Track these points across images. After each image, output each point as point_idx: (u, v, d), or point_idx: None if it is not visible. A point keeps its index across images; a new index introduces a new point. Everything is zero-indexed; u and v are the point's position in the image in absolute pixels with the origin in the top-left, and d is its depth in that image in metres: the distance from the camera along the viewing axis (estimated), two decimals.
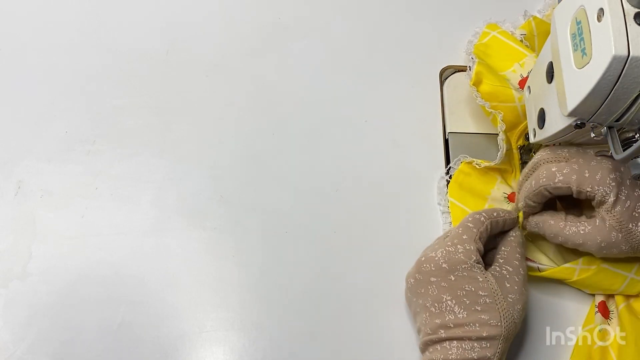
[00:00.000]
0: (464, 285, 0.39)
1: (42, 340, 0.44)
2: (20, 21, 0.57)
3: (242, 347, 0.44)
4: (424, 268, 0.41)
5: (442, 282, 0.40)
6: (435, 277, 0.40)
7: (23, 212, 0.48)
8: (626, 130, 0.36)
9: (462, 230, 0.42)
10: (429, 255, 0.41)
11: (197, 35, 0.57)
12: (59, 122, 0.52)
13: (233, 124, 0.53)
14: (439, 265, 0.40)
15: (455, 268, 0.40)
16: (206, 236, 0.48)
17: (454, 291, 0.39)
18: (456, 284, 0.40)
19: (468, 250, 0.40)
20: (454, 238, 0.42)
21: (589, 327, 0.45)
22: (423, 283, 0.41)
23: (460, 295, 0.39)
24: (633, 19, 0.31)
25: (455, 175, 0.50)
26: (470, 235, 0.41)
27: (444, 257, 0.40)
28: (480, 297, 0.39)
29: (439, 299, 0.40)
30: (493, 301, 0.39)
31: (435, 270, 0.40)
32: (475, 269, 0.40)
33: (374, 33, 0.58)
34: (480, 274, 0.40)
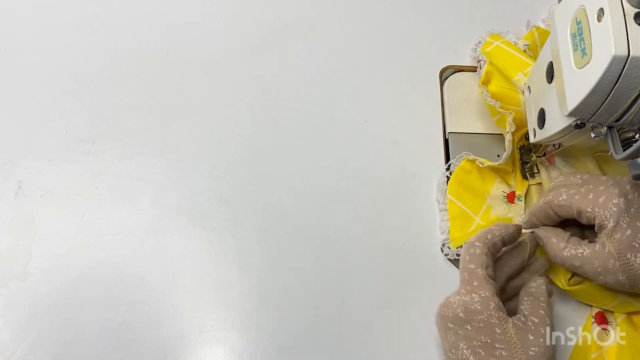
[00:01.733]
0: (480, 336, 0.38)
1: (42, 340, 0.44)
2: (20, 21, 0.57)
3: (242, 347, 0.44)
4: (443, 312, 0.40)
5: (459, 330, 0.39)
6: (452, 323, 0.40)
7: (23, 212, 0.48)
8: (626, 130, 0.36)
9: (468, 277, 0.40)
10: (449, 300, 0.40)
11: (197, 35, 0.57)
12: (59, 122, 0.52)
13: (233, 123, 0.53)
14: (456, 314, 0.39)
15: (471, 318, 0.38)
16: (206, 236, 0.48)
17: (470, 341, 0.38)
18: (472, 334, 0.38)
19: (484, 298, 0.38)
20: (466, 285, 0.40)
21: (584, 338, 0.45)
22: (442, 327, 0.40)
23: (475, 346, 0.38)
24: (633, 19, 0.31)
25: (456, 172, 0.50)
26: (479, 280, 0.39)
27: (461, 306, 0.39)
28: (496, 350, 0.38)
29: (456, 346, 0.39)
30: (510, 354, 0.37)
31: (453, 317, 0.39)
32: (493, 319, 0.38)
33: (374, 33, 0.58)
34: (499, 325, 0.38)
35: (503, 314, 0.38)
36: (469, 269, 0.40)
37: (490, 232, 0.42)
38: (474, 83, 0.55)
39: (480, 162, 0.49)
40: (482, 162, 0.49)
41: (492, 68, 0.51)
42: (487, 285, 0.39)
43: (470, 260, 0.41)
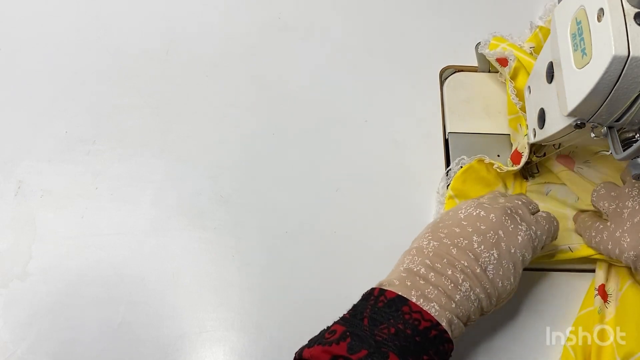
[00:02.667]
0: (511, 262, 0.39)
1: (42, 340, 0.44)
2: (20, 21, 0.57)
3: (242, 347, 0.44)
4: (505, 220, 0.40)
5: (504, 244, 0.39)
6: (505, 236, 0.39)
7: (23, 212, 0.48)
8: (626, 130, 0.36)
9: (546, 228, 0.42)
10: (516, 217, 0.40)
11: (197, 35, 0.57)
12: (59, 122, 0.52)
13: (233, 124, 0.53)
14: (516, 235, 0.40)
15: (522, 249, 0.40)
16: (206, 236, 0.48)
17: (502, 258, 0.39)
18: (510, 256, 0.39)
19: (537, 250, 0.41)
20: (539, 229, 0.41)
21: (587, 310, 0.45)
22: (492, 225, 0.39)
23: (502, 265, 0.39)
24: (633, 19, 0.31)
25: (464, 170, 0.49)
26: (546, 239, 0.42)
27: (525, 234, 0.40)
28: (507, 279, 0.39)
29: (490, 248, 0.39)
30: (508, 290, 0.39)
31: (511, 233, 0.40)
32: (525, 264, 0.40)
33: (374, 33, 0.58)
34: (521, 266, 0.40)
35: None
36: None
37: None
38: (474, 83, 0.55)
39: (498, 168, 0.48)
40: (501, 168, 0.48)
41: (520, 65, 0.50)
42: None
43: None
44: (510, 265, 0.39)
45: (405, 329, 0.35)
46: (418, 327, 0.35)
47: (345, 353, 0.33)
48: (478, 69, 0.56)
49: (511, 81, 0.50)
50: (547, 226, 0.42)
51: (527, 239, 0.40)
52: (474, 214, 0.40)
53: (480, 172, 0.49)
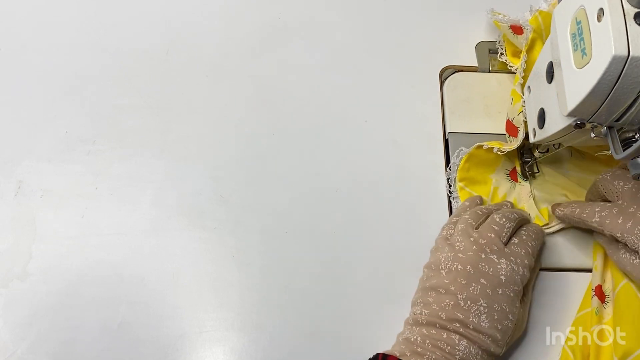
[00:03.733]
0: (503, 303, 0.40)
1: (42, 340, 0.44)
2: (20, 21, 0.57)
3: (242, 347, 0.44)
4: (481, 267, 0.41)
5: (489, 290, 0.40)
6: (486, 281, 0.41)
7: (23, 212, 0.48)
8: (626, 130, 0.36)
9: (524, 253, 0.43)
10: (491, 258, 0.41)
11: (197, 35, 0.57)
12: (59, 122, 0.52)
13: (233, 124, 0.53)
14: (497, 275, 0.41)
15: (508, 286, 0.41)
16: (206, 236, 0.48)
17: (492, 302, 0.40)
18: (499, 298, 0.40)
19: (525, 276, 0.42)
20: (517, 257, 0.42)
21: (585, 312, 0.45)
22: (470, 277, 0.41)
23: (494, 309, 0.40)
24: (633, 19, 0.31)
25: (465, 159, 0.50)
26: (529, 262, 0.43)
27: (506, 272, 0.41)
28: (507, 320, 0.40)
29: (476, 300, 0.40)
30: (512, 327, 0.41)
31: (492, 276, 0.41)
32: (519, 295, 0.42)
33: (374, 33, 0.58)
34: (519, 301, 0.42)
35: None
36: (528, 245, 0.44)
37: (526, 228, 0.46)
38: (474, 83, 0.55)
39: (499, 150, 0.48)
40: (501, 150, 0.48)
41: (536, 35, 0.50)
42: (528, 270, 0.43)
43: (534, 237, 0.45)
44: (503, 305, 0.40)
45: None
46: None
47: None
48: (478, 69, 0.56)
49: (525, 54, 0.50)
50: (523, 251, 0.43)
51: (510, 274, 0.41)
52: (452, 269, 0.42)
53: (482, 156, 0.50)
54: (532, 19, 0.54)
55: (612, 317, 0.44)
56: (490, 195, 0.50)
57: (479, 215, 0.45)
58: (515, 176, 0.51)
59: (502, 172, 0.51)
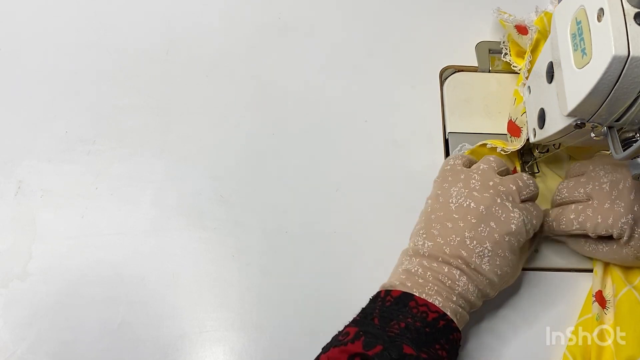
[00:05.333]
0: (507, 251, 0.40)
1: (42, 340, 0.44)
2: (20, 21, 0.57)
3: (242, 347, 0.44)
4: (495, 211, 0.41)
5: (497, 235, 0.40)
6: (497, 226, 0.40)
7: (23, 212, 0.48)
8: (626, 130, 0.36)
9: (536, 213, 0.43)
10: (506, 205, 0.41)
11: (197, 35, 0.57)
12: (59, 122, 0.52)
13: (233, 124, 0.53)
14: (509, 223, 0.41)
15: (516, 235, 0.41)
16: (206, 236, 0.48)
17: (497, 248, 0.40)
18: (505, 245, 0.40)
19: (530, 233, 0.42)
20: (530, 213, 0.42)
21: (586, 317, 0.45)
22: (481, 218, 0.40)
23: (498, 254, 0.40)
24: (633, 19, 0.31)
25: (468, 154, 0.50)
26: (539, 223, 0.43)
27: (518, 222, 0.41)
28: (506, 267, 0.41)
29: (482, 242, 0.40)
30: (508, 275, 0.41)
31: (503, 222, 0.41)
32: (522, 247, 0.42)
33: (374, 33, 0.58)
34: (520, 253, 0.43)
35: None
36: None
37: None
38: (474, 83, 0.55)
39: (502, 150, 0.48)
40: (504, 150, 0.48)
41: (541, 36, 0.50)
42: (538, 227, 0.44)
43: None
44: (506, 253, 0.40)
45: (415, 322, 0.36)
46: (426, 318, 0.37)
47: (362, 350, 0.35)
48: (478, 69, 0.56)
49: (530, 55, 0.50)
50: (535, 212, 0.43)
51: (521, 224, 0.41)
52: (464, 205, 0.41)
53: (484, 154, 0.50)
54: (538, 19, 0.54)
55: (613, 323, 0.43)
56: None
57: (503, 163, 0.45)
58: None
59: None
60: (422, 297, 0.38)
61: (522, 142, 0.48)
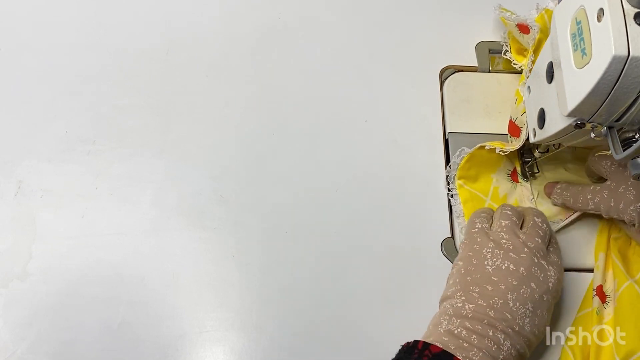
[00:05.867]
0: (545, 310, 0.40)
1: (42, 340, 0.44)
2: (20, 21, 0.57)
3: (242, 347, 0.44)
4: (534, 272, 0.40)
5: (537, 295, 0.40)
6: (537, 286, 0.40)
7: (23, 212, 0.48)
8: (626, 130, 0.36)
9: (559, 261, 0.43)
10: (542, 264, 0.41)
11: (197, 35, 0.57)
12: (59, 122, 0.52)
13: (233, 124, 0.53)
14: (547, 282, 0.41)
15: (552, 294, 0.41)
16: (206, 236, 0.48)
17: (537, 307, 0.40)
18: (542, 305, 0.40)
19: (558, 293, 0.42)
20: (560, 269, 0.42)
21: (585, 311, 0.45)
22: (522, 279, 0.40)
23: (537, 314, 0.40)
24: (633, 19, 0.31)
25: (467, 158, 0.50)
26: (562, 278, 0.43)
27: (554, 281, 0.41)
28: (543, 326, 0.40)
29: (524, 302, 0.39)
30: (541, 336, 0.41)
31: (542, 282, 0.40)
32: (552, 306, 0.42)
33: (374, 33, 0.58)
34: (551, 312, 0.42)
35: None
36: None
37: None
38: (474, 83, 0.55)
39: (501, 151, 0.48)
40: (503, 150, 0.48)
41: (543, 37, 0.50)
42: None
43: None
44: (544, 312, 0.40)
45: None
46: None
47: None
48: (478, 69, 0.56)
49: (532, 54, 0.50)
50: (559, 260, 0.43)
51: (556, 282, 0.41)
52: (502, 267, 0.40)
53: (484, 156, 0.50)
54: (539, 17, 0.53)
55: (613, 317, 0.44)
56: (489, 194, 0.50)
57: (519, 213, 0.44)
58: (516, 177, 0.51)
59: (504, 173, 0.51)
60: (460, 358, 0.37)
61: (520, 142, 0.48)
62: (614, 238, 0.48)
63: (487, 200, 0.50)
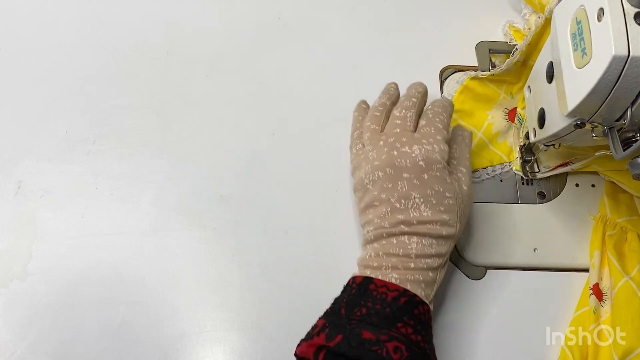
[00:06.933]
0: (435, 185, 0.40)
1: (42, 340, 0.44)
2: (20, 21, 0.57)
3: (242, 347, 0.44)
4: (398, 163, 0.41)
5: (415, 180, 0.40)
6: (408, 173, 0.40)
7: (23, 212, 0.48)
8: (626, 130, 0.36)
9: (434, 130, 0.42)
10: (403, 150, 0.41)
11: (197, 35, 0.57)
12: (59, 122, 0.52)
13: (233, 124, 0.53)
14: (416, 162, 0.41)
15: (430, 167, 0.41)
16: (206, 236, 0.48)
17: (424, 189, 0.40)
18: (428, 182, 0.40)
19: (443, 150, 0.42)
20: (428, 137, 0.42)
21: (583, 310, 0.45)
22: (393, 178, 0.41)
23: (428, 194, 0.40)
24: (633, 19, 0.31)
25: (459, 91, 0.50)
26: (442, 137, 0.42)
27: (422, 155, 0.41)
28: (445, 198, 0.40)
29: (408, 195, 0.40)
30: (455, 203, 0.41)
31: (411, 166, 0.40)
32: (445, 170, 0.41)
33: (374, 33, 0.58)
34: (449, 175, 0.41)
35: (449, 168, 0.42)
36: (437, 128, 0.43)
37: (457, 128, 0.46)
38: None
39: (490, 74, 0.48)
40: (491, 75, 0.48)
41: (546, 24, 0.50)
42: (446, 145, 0.42)
43: (439, 122, 0.44)
44: (436, 187, 0.40)
45: (375, 305, 0.36)
46: (386, 299, 0.37)
47: (324, 342, 0.35)
48: (478, 69, 0.56)
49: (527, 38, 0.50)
50: (432, 129, 0.43)
51: (427, 155, 0.41)
52: (375, 179, 0.41)
53: (477, 90, 0.50)
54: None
55: (610, 315, 0.44)
56: (482, 129, 0.50)
57: (377, 116, 0.45)
58: (513, 117, 0.51)
59: (500, 111, 0.51)
60: (379, 279, 0.38)
61: (506, 66, 0.48)
62: (609, 235, 0.48)
63: (479, 134, 0.50)
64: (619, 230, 0.48)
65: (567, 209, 0.50)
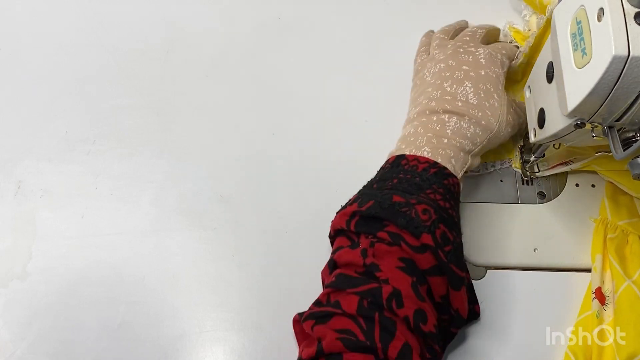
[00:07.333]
0: (488, 83, 0.43)
1: (42, 340, 0.44)
2: (20, 21, 0.57)
3: (242, 347, 0.44)
4: (462, 57, 0.43)
5: (472, 72, 0.43)
6: (468, 66, 0.43)
7: (23, 212, 0.48)
8: (626, 130, 0.36)
9: (501, 47, 0.46)
10: (469, 49, 0.44)
11: (197, 35, 0.57)
12: (59, 122, 0.52)
13: (233, 123, 0.53)
14: (477, 59, 0.44)
15: (489, 67, 0.44)
16: (206, 236, 0.48)
17: (477, 82, 0.43)
18: (483, 78, 0.43)
19: (504, 63, 0.45)
20: (495, 48, 0.46)
21: (586, 314, 0.45)
22: (452, 69, 0.43)
23: (480, 88, 0.43)
24: (633, 19, 0.31)
25: None
26: (508, 55, 0.46)
27: (486, 55, 0.44)
28: (493, 99, 0.43)
29: (461, 82, 0.43)
30: (500, 106, 0.43)
31: (472, 61, 0.44)
32: (502, 78, 0.44)
33: (374, 33, 0.58)
34: (502, 84, 0.44)
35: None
36: (508, 49, 0.48)
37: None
38: None
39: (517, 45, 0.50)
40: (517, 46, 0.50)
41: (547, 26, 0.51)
42: (507, 64, 0.47)
43: (506, 53, 0.47)
44: (488, 85, 0.43)
45: (406, 176, 0.39)
46: (416, 170, 0.39)
47: (357, 208, 0.39)
48: None
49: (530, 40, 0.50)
50: (500, 45, 0.47)
51: (489, 57, 0.44)
52: (436, 71, 0.45)
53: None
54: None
55: (613, 319, 0.43)
56: None
57: (447, 30, 0.49)
58: None
59: None
60: (412, 153, 0.40)
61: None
62: (610, 238, 0.48)
63: None
64: (620, 233, 0.48)
65: (567, 209, 0.50)
